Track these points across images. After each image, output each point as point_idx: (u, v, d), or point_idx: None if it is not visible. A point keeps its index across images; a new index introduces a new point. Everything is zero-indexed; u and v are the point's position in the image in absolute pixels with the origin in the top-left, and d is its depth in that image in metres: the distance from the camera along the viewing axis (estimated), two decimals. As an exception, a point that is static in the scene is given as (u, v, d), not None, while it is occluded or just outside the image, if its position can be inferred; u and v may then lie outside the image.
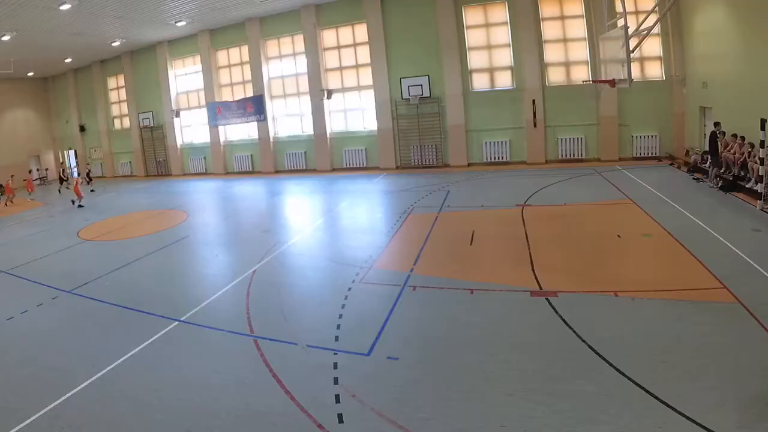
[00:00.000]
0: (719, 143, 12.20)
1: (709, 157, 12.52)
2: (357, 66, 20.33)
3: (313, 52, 20.38)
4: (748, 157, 11.19)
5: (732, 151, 11.83)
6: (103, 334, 6.62)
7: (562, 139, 17.68)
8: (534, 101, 17.61)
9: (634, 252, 8.32)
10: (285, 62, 21.75)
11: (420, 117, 19.27)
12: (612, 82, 11.72)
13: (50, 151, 30.10)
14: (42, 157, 29.33)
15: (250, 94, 22.24)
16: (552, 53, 17.62)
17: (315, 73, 20.52)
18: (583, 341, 5.27)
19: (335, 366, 5.23)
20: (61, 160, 28.84)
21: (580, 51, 17.32)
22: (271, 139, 22.36)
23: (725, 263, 7.13)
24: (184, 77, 24.57)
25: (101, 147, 28.14)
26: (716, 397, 4.14)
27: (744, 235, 8.40)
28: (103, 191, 22.49)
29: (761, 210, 9.75)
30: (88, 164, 26.93)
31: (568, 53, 17.53)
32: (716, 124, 12.52)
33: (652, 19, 12.40)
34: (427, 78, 18.64)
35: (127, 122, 26.98)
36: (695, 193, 11.86)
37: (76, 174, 25.10)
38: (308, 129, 21.56)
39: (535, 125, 17.78)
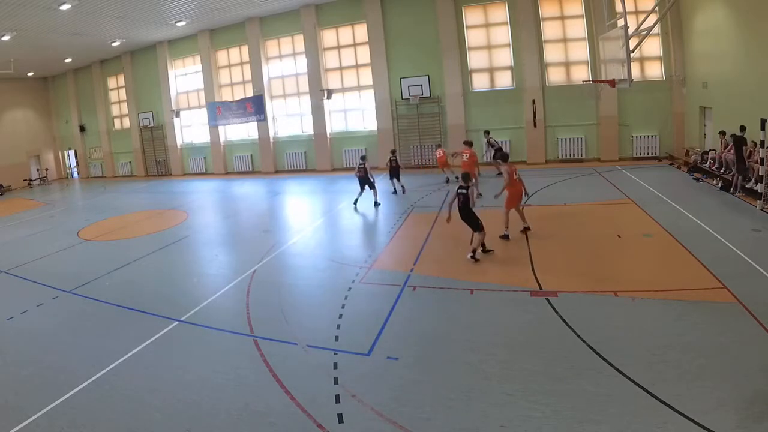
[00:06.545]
0: (744, 149, 11.07)
1: (735, 164, 11.21)
2: (357, 66, 20.32)
3: (313, 52, 20.37)
4: (749, 158, 11.18)
5: (732, 151, 11.81)
6: (103, 334, 6.62)
7: (562, 139, 17.67)
8: (534, 101, 17.60)
9: (634, 252, 8.32)
10: (285, 62, 21.73)
11: (420, 117, 19.26)
12: (612, 82, 11.73)
13: (50, 151, 30.07)
14: (42, 157, 29.28)
15: (250, 94, 22.23)
16: (552, 53, 17.60)
17: (315, 73, 20.51)
18: (583, 341, 5.27)
19: (335, 366, 5.23)
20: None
21: (580, 51, 17.31)
22: (271, 139, 22.36)
23: (725, 263, 7.13)
24: (184, 77, 24.55)
25: (101, 147, 28.14)
26: (716, 397, 4.14)
27: (744, 235, 8.40)
28: (103, 191, 22.49)
29: (761, 210, 9.76)
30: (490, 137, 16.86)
31: (568, 53, 17.52)
32: (742, 128, 11.23)
33: (652, 19, 12.40)
34: (427, 78, 18.63)
35: (127, 122, 26.96)
36: (695, 193, 11.86)
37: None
38: (308, 129, 21.55)
39: (535, 125, 17.77)
